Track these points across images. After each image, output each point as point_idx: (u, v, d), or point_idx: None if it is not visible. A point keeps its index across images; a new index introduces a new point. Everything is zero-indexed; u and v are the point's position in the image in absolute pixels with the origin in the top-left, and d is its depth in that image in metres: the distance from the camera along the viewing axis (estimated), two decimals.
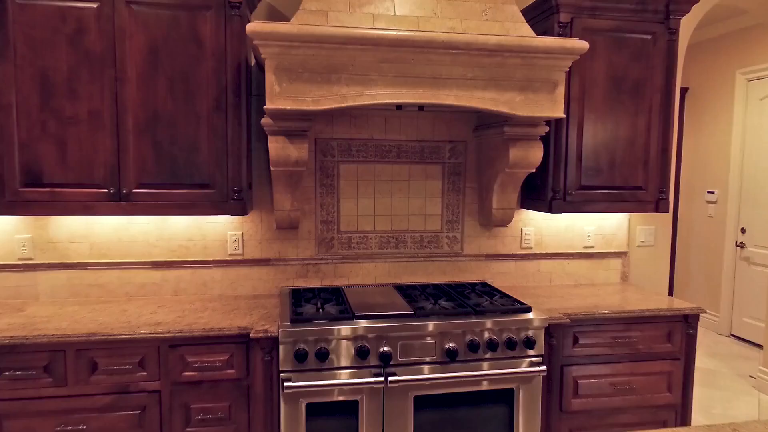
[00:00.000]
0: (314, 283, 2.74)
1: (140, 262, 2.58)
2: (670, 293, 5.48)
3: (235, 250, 2.65)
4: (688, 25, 2.96)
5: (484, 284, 2.75)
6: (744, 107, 4.65)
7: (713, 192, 4.98)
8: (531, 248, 2.93)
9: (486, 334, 2.21)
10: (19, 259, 2.49)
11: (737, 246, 4.73)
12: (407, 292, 2.57)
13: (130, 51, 2.19)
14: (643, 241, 3.04)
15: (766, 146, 4.44)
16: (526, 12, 2.71)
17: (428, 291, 2.59)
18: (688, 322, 2.50)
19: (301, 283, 2.73)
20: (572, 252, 2.97)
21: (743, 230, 4.68)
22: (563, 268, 2.97)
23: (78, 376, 2.04)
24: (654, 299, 2.61)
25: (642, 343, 2.47)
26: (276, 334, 2.07)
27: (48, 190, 2.19)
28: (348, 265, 2.76)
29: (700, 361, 4.29)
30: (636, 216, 3.02)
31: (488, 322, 2.20)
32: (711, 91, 5.02)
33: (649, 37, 2.58)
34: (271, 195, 2.64)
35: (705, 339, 4.85)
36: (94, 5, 2.15)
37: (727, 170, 4.81)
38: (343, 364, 2.11)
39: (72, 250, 2.53)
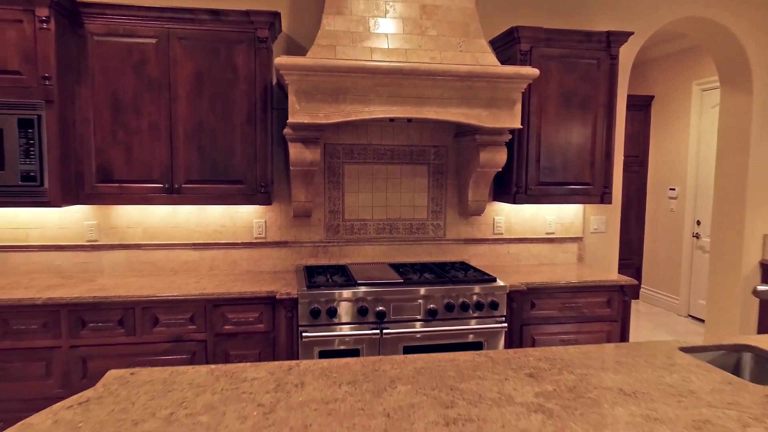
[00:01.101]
0: (323, 261, 3.35)
1: (183, 243, 3.19)
2: (619, 272, 6.10)
3: (259, 234, 3.26)
4: (631, 50, 3.57)
5: (462, 263, 3.37)
6: (699, 114, 5.27)
7: (674, 189, 5.59)
8: (502, 234, 3.55)
9: (459, 298, 2.82)
10: (87, 241, 3.11)
11: (693, 236, 5.35)
12: (399, 268, 3.19)
13: (181, 76, 2.80)
14: (595, 228, 3.65)
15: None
16: (496, 40, 3.32)
17: (416, 267, 3.20)
18: (623, 291, 3.12)
19: (312, 262, 3.34)
20: (536, 237, 3.58)
21: (698, 222, 5.30)
22: (528, 250, 3.58)
23: (144, 328, 2.65)
24: (599, 275, 3.23)
25: (586, 308, 3.08)
26: (296, 296, 2.69)
27: (117, 185, 2.80)
28: (351, 247, 3.38)
29: (659, 336, 4.90)
30: (590, 207, 3.63)
31: (461, 289, 2.82)
32: (672, 99, 5.64)
33: (594, 61, 3.19)
34: (289, 190, 3.25)
35: (665, 319, 5.47)
36: (153, 41, 2.76)
37: (685, 169, 5.43)
38: (348, 320, 2.72)
39: (129, 234, 3.14)
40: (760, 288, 1.69)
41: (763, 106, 3.81)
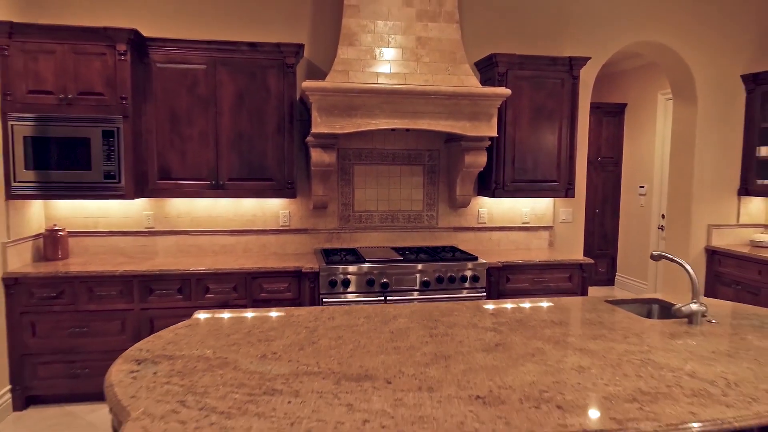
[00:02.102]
0: (337, 245, 4.05)
1: (222, 230, 3.89)
2: (597, 261, 6.81)
3: (284, 222, 3.96)
4: (592, 69, 4.26)
5: (452, 247, 4.07)
6: (663, 120, 5.96)
7: (644, 187, 6.29)
8: (485, 223, 4.25)
9: (448, 273, 3.52)
10: (145, 228, 3.81)
11: (659, 228, 6.05)
12: (399, 250, 3.89)
13: (224, 95, 3.50)
14: (564, 219, 4.35)
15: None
16: (480, 62, 4.02)
17: (413, 249, 3.91)
18: (582, 269, 3.82)
19: (328, 245, 4.04)
20: (513, 226, 4.28)
21: (663, 216, 6.00)
22: (507, 237, 4.29)
23: (197, 295, 3.35)
24: (563, 256, 3.93)
25: (552, 282, 3.78)
26: (317, 270, 3.39)
27: (173, 182, 3.51)
28: (359, 233, 4.08)
29: None
30: (559, 200, 4.33)
31: (449, 265, 3.52)
32: (642, 107, 6.34)
33: (559, 81, 3.89)
34: (309, 186, 3.95)
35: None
36: (203, 67, 3.46)
37: (652, 169, 6.12)
38: (358, 289, 3.42)
39: (179, 222, 3.84)
40: (656, 252, 2.38)
41: (705, 116, 4.51)
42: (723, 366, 1.72)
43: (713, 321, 2.25)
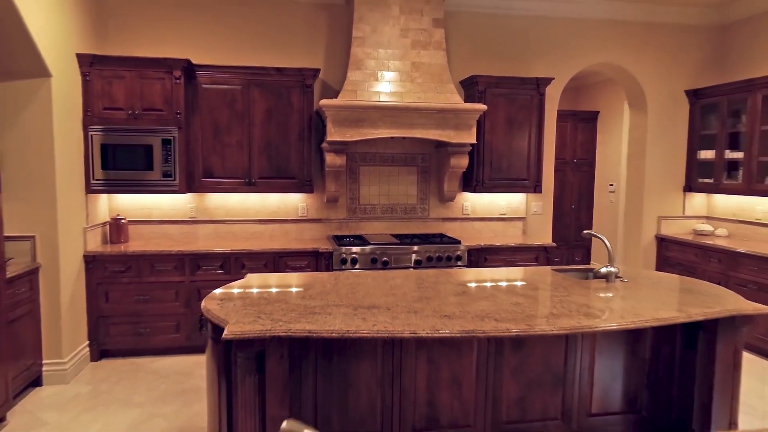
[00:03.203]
0: (346, 232, 4.90)
1: (252, 219, 4.74)
2: (573, 251, 7.65)
3: (302, 214, 4.81)
4: (558, 86, 5.09)
5: (440, 234, 4.91)
6: (628, 127, 6.80)
7: (613, 185, 7.14)
8: (468, 214, 5.09)
9: (436, 253, 4.37)
10: (189, 218, 4.65)
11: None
12: (397, 236, 4.73)
13: (257, 110, 4.35)
14: (535, 211, 5.19)
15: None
16: (464, 81, 4.86)
17: (408, 235, 4.75)
18: (546, 251, 4.67)
19: (338, 232, 4.89)
20: (492, 217, 5.13)
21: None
22: (487, 226, 5.13)
23: (235, 270, 4.19)
24: (531, 241, 4.77)
25: (521, 261, 4.63)
26: (331, 250, 4.23)
27: (215, 180, 4.35)
28: (364, 222, 4.93)
29: None
30: (530, 196, 5.17)
31: (437, 247, 4.36)
32: (611, 115, 7.18)
33: (529, 97, 4.74)
34: (323, 184, 4.79)
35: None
36: (239, 87, 4.31)
37: (619, 170, 6.97)
38: (363, 267, 4.26)
39: (216, 213, 4.69)
40: (586, 232, 3.22)
41: (654, 124, 5.36)
42: (613, 303, 2.57)
43: (624, 280, 3.10)
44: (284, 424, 0.89)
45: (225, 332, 2.08)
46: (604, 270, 3.05)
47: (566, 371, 2.77)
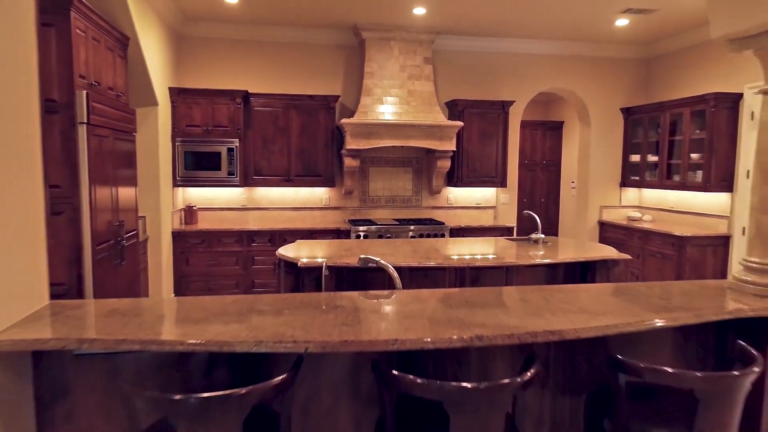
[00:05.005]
0: (358, 217, 6.45)
1: (288, 207, 6.30)
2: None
3: (326, 203, 6.37)
4: (521, 105, 6.65)
5: (431, 218, 6.46)
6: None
7: (574, 182, 8.69)
8: (452, 204, 6.65)
9: (427, 232, 5.92)
10: (241, 206, 6.21)
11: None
12: (397, 220, 6.28)
13: (293, 126, 5.90)
14: (503, 201, 6.75)
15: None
16: (448, 103, 6.41)
17: (406, 219, 6.30)
18: (510, 230, 6.23)
19: (352, 217, 6.44)
20: (470, 206, 6.69)
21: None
22: (466, 213, 6.69)
23: (279, 243, 5.75)
24: (499, 223, 6.33)
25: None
26: (348, 229, 5.79)
27: (263, 177, 5.91)
28: (372, 210, 6.48)
29: None
30: (500, 189, 6.72)
31: (427, 227, 5.92)
32: (572, 124, 8.73)
33: (496, 114, 6.30)
34: (342, 180, 6.34)
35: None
36: (281, 109, 5.87)
37: (578, 170, 8.52)
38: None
39: (261, 202, 6.24)
40: (526, 212, 4.76)
41: (596, 134, 6.91)
42: (535, 252, 4.13)
43: (548, 243, 4.66)
44: (361, 256, 2.44)
45: (299, 263, 3.62)
46: (534, 236, 4.60)
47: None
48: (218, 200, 6.18)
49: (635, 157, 6.80)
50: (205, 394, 1.32)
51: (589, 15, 5.45)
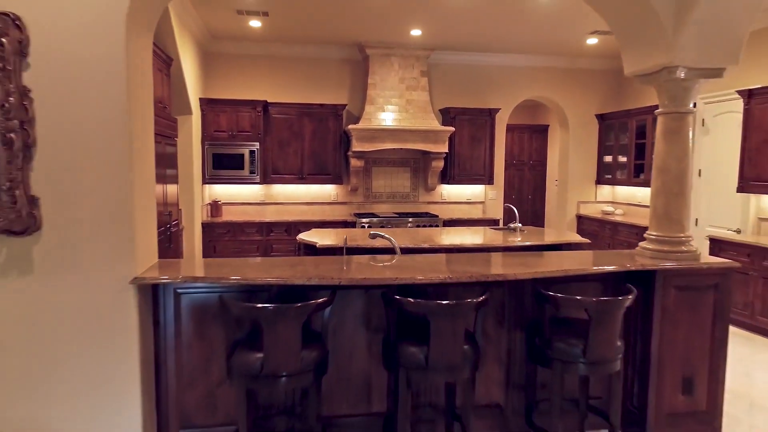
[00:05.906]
0: (363, 211, 7.30)
1: (301, 202, 7.15)
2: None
3: (334, 199, 7.22)
4: (506, 112, 7.51)
5: (426, 212, 7.32)
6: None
7: (557, 180, 9.54)
8: (445, 200, 7.51)
9: (423, 224, 6.77)
10: (259, 201, 7.06)
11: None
12: (397, 213, 7.14)
13: (306, 131, 6.76)
14: (491, 198, 7.61)
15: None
16: (441, 110, 7.27)
17: (405, 213, 7.16)
18: (496, 222, 7.08)
19: (357, 211, 7.29)
20: (462, 201, 7.54)
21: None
22: (459, 208, 7.54)
23: (295, 232, 6.59)
24: (487, 216, 7.18)
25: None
26: (354, 221, 6.64)
27: (279, 175, 6.77)
28: (375, 204, 7.34)
29: None
30: (488, 186, 7.57)
31: (423, 219, 6.77)
32: (555, 128, 9.58)
33: (484, 120, 7.15)
34: (348, 178, 7.19)
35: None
36: (295, 116, 6.72)
37: (561, 168, 9.37)
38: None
39: (278, 197, 7.10)
40: (506, 204, 5.60)
41: (574, 137, 7.77)
42: (513, 238, 4.99)
43: (524, 231, 5.51)
44: (371, 232, 3.28)
45: (318, 245, 4.47)
46: (512, 225, 5.46)
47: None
48: (240, 196, 7.03)
49: (608, 158, 7.66)
50: (277, 305, 2.17)
51: (564, 35, 6.31)
